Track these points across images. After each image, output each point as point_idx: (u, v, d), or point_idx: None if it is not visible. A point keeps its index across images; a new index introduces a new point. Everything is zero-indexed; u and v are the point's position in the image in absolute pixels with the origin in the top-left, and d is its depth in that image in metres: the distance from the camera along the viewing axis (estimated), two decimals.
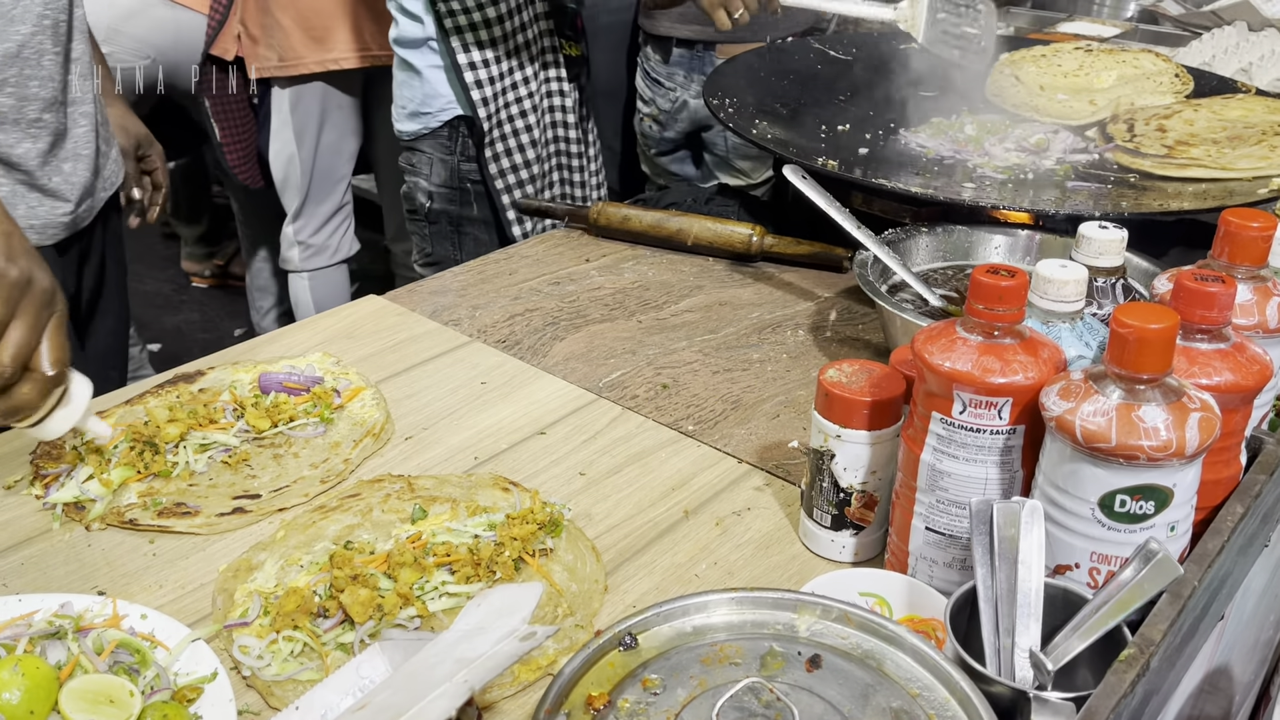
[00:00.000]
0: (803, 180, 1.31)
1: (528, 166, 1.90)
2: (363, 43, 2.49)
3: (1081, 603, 0.74)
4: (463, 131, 1.86)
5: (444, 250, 1.96)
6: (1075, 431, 0.72)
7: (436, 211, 1.92)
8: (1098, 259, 0.96)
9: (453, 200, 1.92)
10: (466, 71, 1.80)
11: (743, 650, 0.73)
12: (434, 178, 1.91)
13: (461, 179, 1.90)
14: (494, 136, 1.85)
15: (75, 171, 1.31)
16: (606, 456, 1.10)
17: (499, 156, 1.87)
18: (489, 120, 1.83)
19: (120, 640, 0.78)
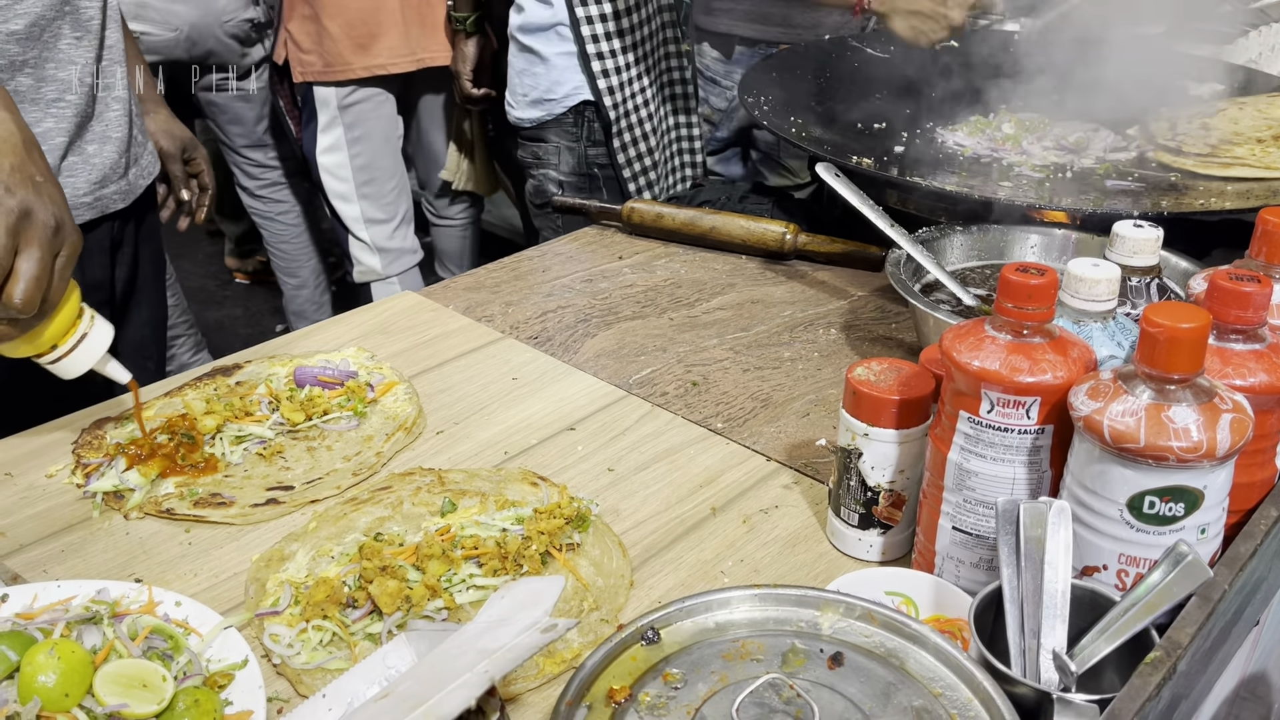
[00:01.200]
0: (835, 178, 1.31)
1: (650, 154, 1.92)
2: (409, 47, 2.51)
3: (1109, 605, 0.73)
4: (588, 117, 1.88)
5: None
6: (1104, 431, 0.72)
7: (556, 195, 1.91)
8: (1132, 258, 0.95)
9: (582, 188, 1.94)
10: (595, 61, 1.82)
11: (764, 647, 0.73)
12: (563, 166, 1.92)
13: (589, 165, 1.91)
14: (621, 126, 1.87)
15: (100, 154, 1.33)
16: (635, 453, 1.11)
17: (626, 146, 1.89)
18: (615, 109, 1.85)
19: (154, 626, 0.80)
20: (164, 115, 1.59)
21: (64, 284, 0.92)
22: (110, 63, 1.32)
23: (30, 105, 1.25)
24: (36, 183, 0.88)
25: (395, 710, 0.63)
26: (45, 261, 0.88)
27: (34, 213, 0.87)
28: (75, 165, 1.32)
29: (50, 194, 0.89)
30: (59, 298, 0.91)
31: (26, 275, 0.87)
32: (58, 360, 0.95)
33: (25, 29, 1.19)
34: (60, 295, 0.91)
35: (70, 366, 0.96)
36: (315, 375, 1.17)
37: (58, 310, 0.93)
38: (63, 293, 0.92)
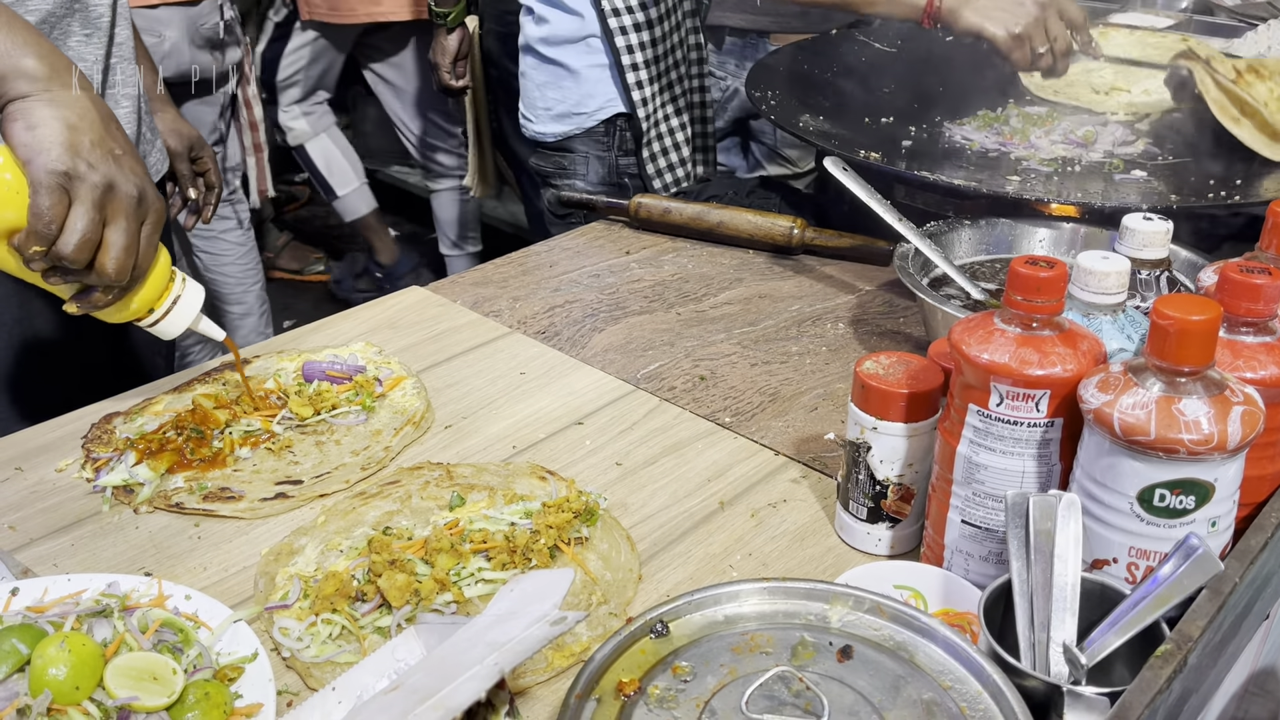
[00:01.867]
0: (843, 172, 1.30)
1: (684, 165, 1.89)
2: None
3: (1119, 598, 0.73)
4: (620, 127, 1.84)
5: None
6: (1114, 424, 0.72)
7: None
8: (1141, 251, 0.95)
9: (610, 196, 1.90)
10: (630, 72, 1.78)
11: (774, 640, 0.73)
12: (591, 176, 1.87)
13: (620, 174, 1.87)
14: (651, 135, 1.84)
15: None
16: (643, 447, 1.11)
17: (655, 156, 1.86)
18: (647, 119, 1.82)
19: (164, 619, 0.80)
20: (171, 114, 1.59)
21: (152, 250, 0.96)
22: (120, 60, 1.32)
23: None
24: (117, 156, 0.91)
25: (405, 703, 0.63)
26: (133, 231, 0.92)
27: (117, 185, 0.90)
28: None
29: (131, 166, 0.92)
30: (149, 264, 0.96)
31: (117, 245, 0.91)
32: (156, 323, 1.01)
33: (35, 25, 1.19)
34: (150, 261, 0.96)
35: (168, 327, 1.01)
36: (324, 370, 1.17)
37: (149, 276, 0.98)
38: (152, 258, 0.96)
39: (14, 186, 0.90)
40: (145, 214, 0.94)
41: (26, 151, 0.89)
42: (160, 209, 0.95)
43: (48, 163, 0.88)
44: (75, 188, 0.89)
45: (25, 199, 0.89)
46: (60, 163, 0.88)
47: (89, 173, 0.89)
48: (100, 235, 0.91)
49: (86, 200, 0.89)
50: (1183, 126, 1.63)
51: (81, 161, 0.89)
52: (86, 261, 0.91)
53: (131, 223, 0.92)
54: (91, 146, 0.90)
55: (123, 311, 0.99)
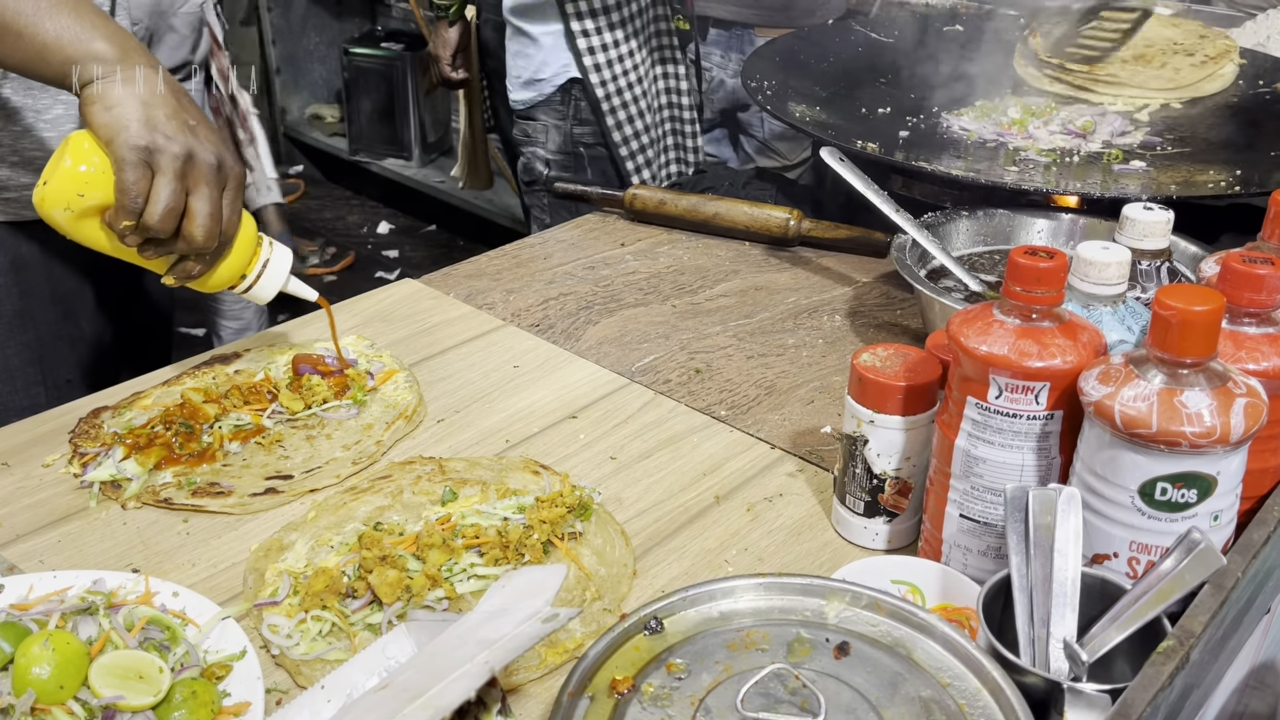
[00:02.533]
0: (840, 163, 1.29)
1: (648, 132, 1.91)
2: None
3: (1120, 593, 0.72)
4: (575, 95, 1.87)
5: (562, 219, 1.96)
6: (1115, 417, 0.70)
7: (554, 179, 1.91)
8: (1142, 241, 0.94)
9: (568, 167, 1.93)
10: (580, 38, 1.82)
11: (769, 636, 0.72)
12: (549, 144, 1.92)
13: (575, 143, 1.91)
14: (613, 104, 1.86)
15: None
16: (638, 441, 1.10)
17: (620, 124, 1.88)
18: (603, 86, 1.85)
19: (151, 617, 0.79)
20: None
21: (236, 215, 0.98)
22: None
23: (39, 92, 1.23)
24: (191, 126, 0.94)
25: (394, 701, 0.62)
26: (215, 198, 0.95)
27: (196, 154, 0.93)
28: None
29: (207, 135, 0.95)
30: (234, 229, 0.99)
31: (202, 212, 0.94)
32: (249, 288, 1.04)
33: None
34: (235, 227, 0.99)
35: (261, 292, 1.04)
36: (315, 363, 1.16)
37: (236, 242, 1.01)
38: (237, 224, 0.99)
39: (101, 167, 0.93)
40: (225, 180, 0.96)
41: (107, 131, 0.92)
42: (240, 174, 0.97)
43: (128, 139, 0.91)
44: (157, 160, 0.92)
45: (107, 177, 0.93)
46: (140, 138, 0.91)
47: (168, 144, 0.92)
48: (184, 203, 0.94)
49: (168, 171, 0.92)
50: (1182, 117, 1.62)
51: (159, 135, 0.92)
52: (173, 229, 0.94)
53: (213, 189, 0.95)
54: (167, 119, 0.92)
55: (217, 279, 1.02)
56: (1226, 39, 1.78)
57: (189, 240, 0.95)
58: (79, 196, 0.94)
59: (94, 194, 0.94)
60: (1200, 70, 1.71)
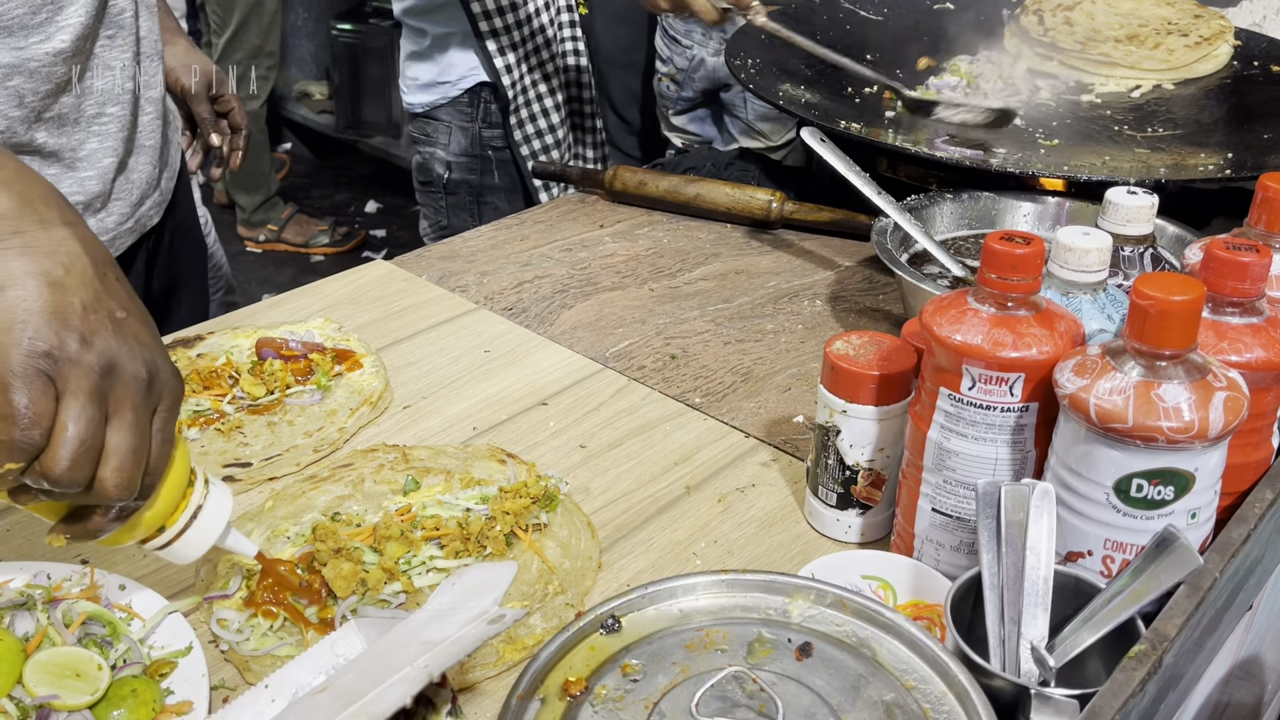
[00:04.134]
0: (821, 143, 1.26)
1: (552, 131, 1.86)
2: None
3: (1093, 592, 0.69)
4: (484, 98, 1.82)
5: (461, 221, 1.93)
6: (1089, 410, 0.68)
7: (455, 182, 1.89)
8: (1125, 226, 0.91)
9: (473, 169, 1.88)
10: (489, 40, 1.76)
11: (729, 636, 0.69)
12: (452, 147, 1.86)
13: (483, 146, 1.85)
14: (519, 103, 1.82)
15: (138, 166, 1.21)
16: (609, 429, 1.07)
17: (523, 123, 1.84)
18: (513, 87, 1.80)
19: (91, 612, 0.76)
20: (183, 46, 1.38)
21: (167, 449, 0.69)
22: (146, 57, 1.20)
23: (71, 128, 1.13)
24: (118, 320, 0.65)
25: (332, 705, 0.59)
26: (141, 427, 0.66)
27: (119, 366, 0.64)
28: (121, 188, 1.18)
29: (135, 332, 0.66)
30: (162, 468, 0.69)
31: (121, 450, 0.64)
32: (167, 545, 0.74)
33: (71, 44, 1.07)
34: (164, 465, 0.69)
35: (184, 551, 0.74)
36: (278, 348, 1.13)
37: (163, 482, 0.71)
38: (166, 460, 0.69)
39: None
40: (157, 400, 0.67)
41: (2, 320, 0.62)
42: (176, 391, 0.69)
43: (24, 341, 0.61)
44: (66, 376, 0.63)
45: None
46: (42, 339, 0.62)
47: (82, 352, 0.63)
48: (101, 439, 0.64)
49: (81, 392, 0.63)
50: (1174, 99, 1.58)
51: (71, 335, 0.63)
52: (85, 479, 0.64)
53: (141, 415, 0.65)
54: (85, 311, 0.64)
55: (125, 533, 0.71)
56: (1221, 19, 1.75)
57: (100, 491, 0.65)
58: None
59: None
60: (1194, 51, 1.68)
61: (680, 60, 2.21)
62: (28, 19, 1.01)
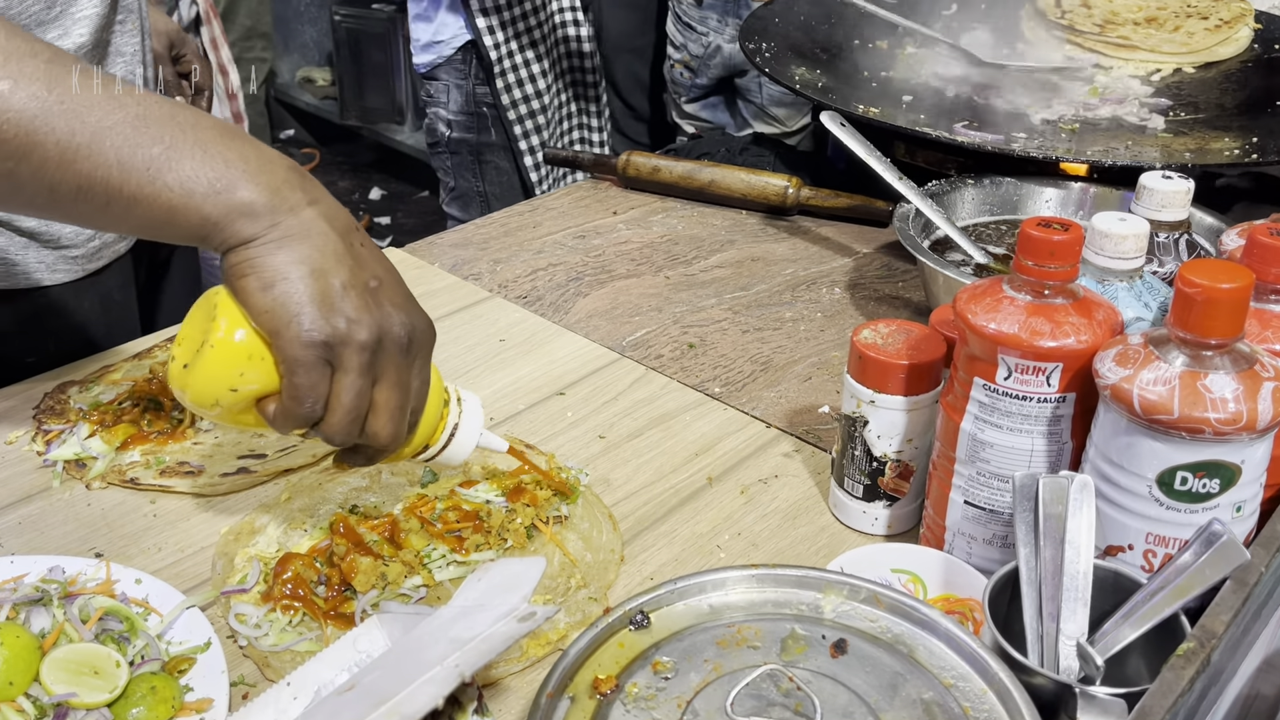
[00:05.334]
0: (841, 128, 1.24)
1: (539, 97, 1.88)
2: None
3: (1134, 587, 0.68)
4: (474, 56, 1.86)
5: (466, 182, 1.94)
6: (1133, 401, 0.66)
7: (457, 140, 1.92)
8: (1160, 212, 0.89)
9: (470, 128, 1.91)
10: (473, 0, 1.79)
11: (762, 633, 0.68)
12: (451, 105, 1.90)
13: (478, 103, 1.89)
14: (504, 66, 1.84)
15: None
16: (628, 419, 1.05)
17: (510, 87, 1.86)
18: (496, 49, 1.82)
19: (109, 607, 0.74)
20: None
21: (424, 389, 0.75)
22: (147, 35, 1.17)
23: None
24: (373, 290, 0.69)
25: (360, 705, 0.58)
26: (404, 384, 0.72)
27: (384, 335, 0.69)
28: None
29: (390, 296, 0.70)
30: (422, 407, 0.76)
31: (389, 406, 0.71)
32: (434, 457, 0.81)
33: (91, 36, 1.05)
34: (423, 404, 0.76)
35: (449, 459, 0.81)
36: None
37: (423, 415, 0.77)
38: (424, 399, 0.76)
39: (245, 350, 0.68)
40: (417, 353, 0.73)
41: (270, 320, 0.66)
42: (429, 336, 0.74)
43: (301, 334, 0.66)
44: (339, 356, 0.68)
45: (268, 362, 0.68)
46: (317, 330, 0.66)
47: (353, 331, 0.67)
48: (369, 402, 0.71)
49: (353, 368, 0.68)
50: (1195, 83, 1.56)
51: (340, 318, 0.67)
52: (357, 437, 0.72)
53: (404, 374, 0.71)
54: (345, 290, 0.67)
55: (395, 458, 0.79)
56: (1242, 2, 1.72)
57: (372, 439, 0.73)
58: (232, 391, 0.69)
59: (252, 379, 0.69)
60: (1214, 34, 1.65)
61: (695, 47, 2.18)
62: (44, 14, 1.00)
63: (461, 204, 1.99)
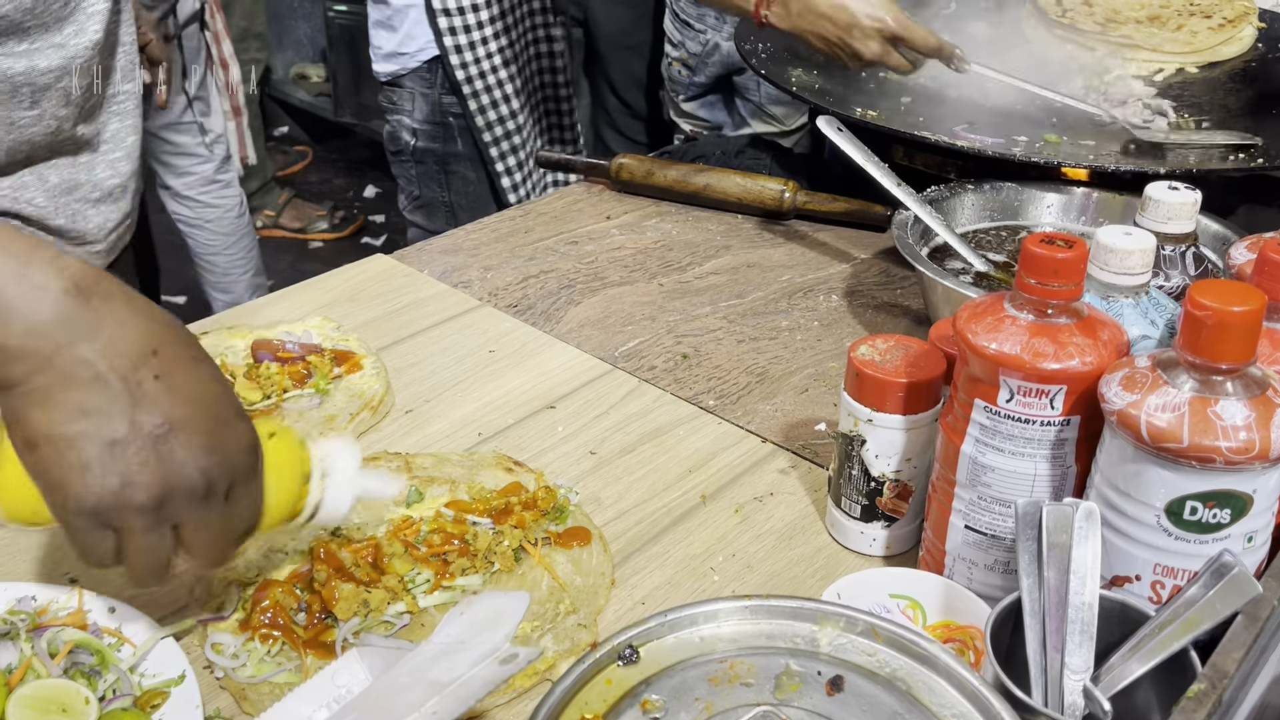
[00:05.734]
0: (838, 133, 1.21)
1: (514, 117, 1.83)
2: None
3: (1142, 619, 0.65)
4: (441, 69, 1.81)
5: (432, 191, 1.90)
6: (1140, 428, 0.63)
7: (422, 150, 1.87)
8: (1166, 225, 0.86)
9: (436, 137, 1.86)
10: (441, 17, 1.74)
11: (755, 668, 0.65)
12: (416, 114, 1.84)
13: (444, 113, 1.83)
14: (476, 87, 1.79)
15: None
16: (619, 433, 1.02)
17: (484, 108, 1.80)
18: (463, 69, 1.77)
19: (78, 640, 0.72)
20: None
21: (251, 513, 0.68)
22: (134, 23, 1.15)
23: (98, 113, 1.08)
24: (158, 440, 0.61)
25: None
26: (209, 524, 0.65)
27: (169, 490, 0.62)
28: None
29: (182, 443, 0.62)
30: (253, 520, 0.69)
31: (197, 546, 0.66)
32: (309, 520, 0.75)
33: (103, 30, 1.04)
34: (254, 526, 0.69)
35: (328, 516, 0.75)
36: (274, 350, 1.08)
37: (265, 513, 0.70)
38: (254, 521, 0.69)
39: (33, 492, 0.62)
40: (225, 490, 0.65)
41: (39, 482, 0.61)
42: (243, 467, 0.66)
43: (67, 503, 0.61)
44: (117, 520, 0.62)
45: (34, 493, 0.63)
46: (84, 499, 0.60)
47: (128, 494, 0.60)
48: (169, 548, 0.65)
49: (137, 529, 0.62)
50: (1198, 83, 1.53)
51: (112, 481, 0.60)
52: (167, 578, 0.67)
53: (211, 516, 0.64)
54: (118, 448, 0.60)
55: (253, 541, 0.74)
56: (1245, 1, 1.69)
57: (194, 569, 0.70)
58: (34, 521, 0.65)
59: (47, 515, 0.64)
60: (1218, 33, 1.63)
61: (693, 45, 2.15)
62: (61, 11, 1.00)
63: (426, 213, 1.94)
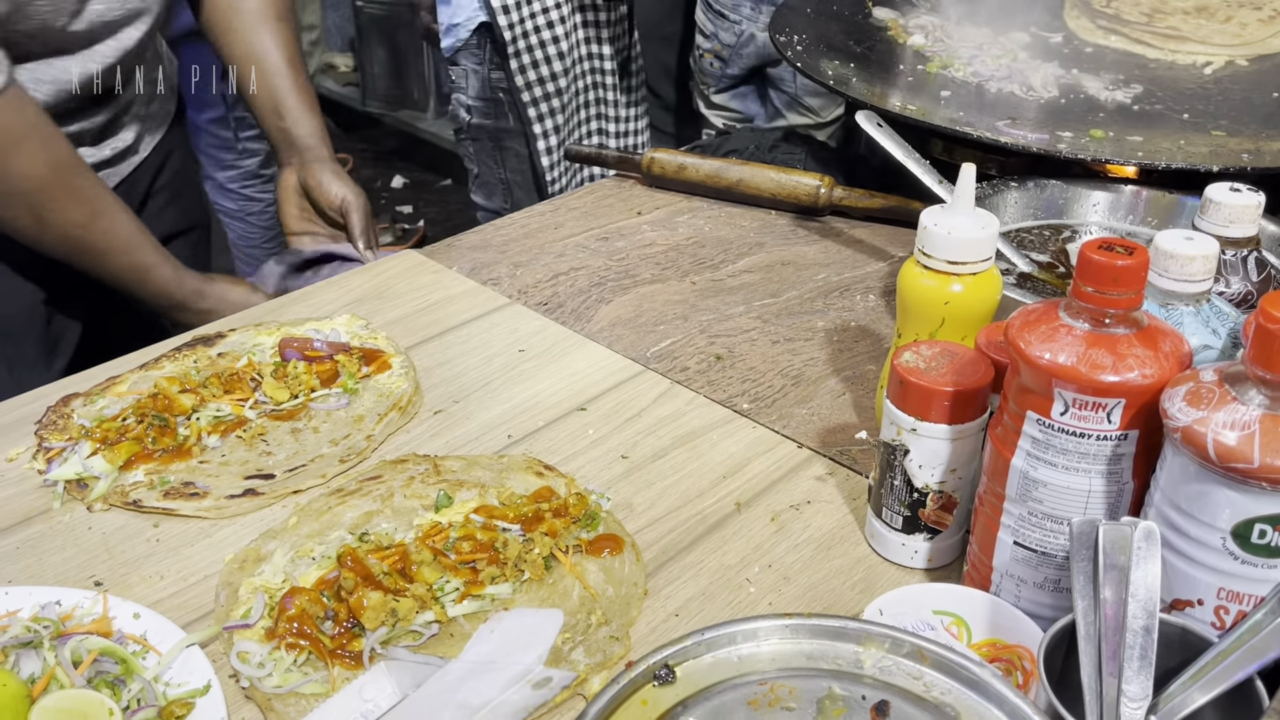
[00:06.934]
0: (877, 128, 1.18)
1: (555, 79, 1.84)
2: None
3: (1204, 646, 0.62)
4: (489, 39, 1.82)
5: (488, 169, 1.92)
6: (1207, 447, 0.60)
7: (476, 126, 1.90)
8: (1227, 228, 0.82)
9: (488, 113, 1.88)
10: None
11: (797, 691, 0.63)
12: (470, 90, 1.87)
13: (493, 89, 1.85)
14: (519, 47, 1.80)
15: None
16: (652, 438, 1.00)
17: (525, 68, 1.82)
18: (510, 29, 1.78)
19: (102, 648, 0.70)
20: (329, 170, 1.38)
21: None
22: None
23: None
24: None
25: None
26: None
27: None
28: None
29: None
30: None
31: None
32: None
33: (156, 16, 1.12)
34: None
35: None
36: (302, 348, 1.07)
37: None
38: None
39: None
40: None
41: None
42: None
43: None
44: None
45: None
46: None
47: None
48: None
49: None
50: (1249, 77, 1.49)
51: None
52: None
53: None
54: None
55: None
56: None
57: None
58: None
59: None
60: (1268, 25, 1.58)
61: (726, 35, 2.12)
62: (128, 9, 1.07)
63: (485, 192, 1.97)
